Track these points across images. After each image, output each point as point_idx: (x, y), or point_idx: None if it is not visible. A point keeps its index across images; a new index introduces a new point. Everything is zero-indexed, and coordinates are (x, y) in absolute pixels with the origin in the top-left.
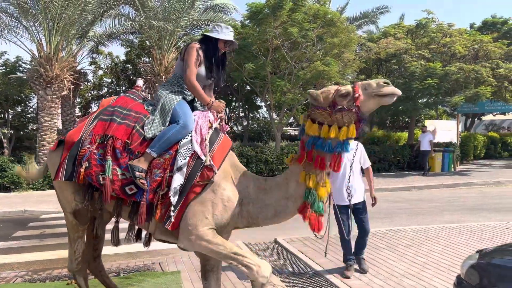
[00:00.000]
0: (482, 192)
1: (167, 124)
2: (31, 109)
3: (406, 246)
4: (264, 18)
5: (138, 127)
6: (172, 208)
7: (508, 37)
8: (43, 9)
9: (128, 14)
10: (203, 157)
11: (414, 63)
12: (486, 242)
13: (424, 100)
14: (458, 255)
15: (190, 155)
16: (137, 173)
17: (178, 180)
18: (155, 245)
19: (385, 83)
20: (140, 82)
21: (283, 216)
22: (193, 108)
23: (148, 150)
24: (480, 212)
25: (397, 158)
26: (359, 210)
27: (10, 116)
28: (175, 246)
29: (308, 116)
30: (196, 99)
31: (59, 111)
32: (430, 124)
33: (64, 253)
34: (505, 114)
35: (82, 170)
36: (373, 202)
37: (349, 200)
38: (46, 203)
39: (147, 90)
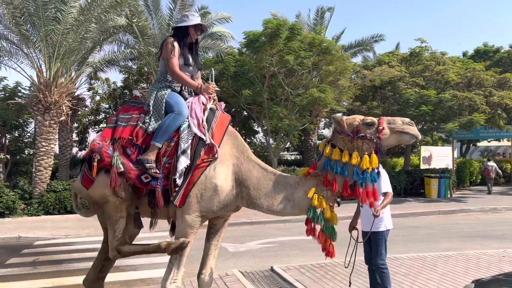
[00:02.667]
0: (478, 219)
1: (163, 116)
2: (29, 134)
3: (404, 275)
4: (261, 46)
5: (140, 125)
6: (177, 189)
7: (500, 65)
8: (44, 37)
9: (127, 41)
10: (203, 137)
11: (408, 90)
12: (483, 270)
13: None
14: (456, 284)
15: (191, 138)
16: (147, 165)
17: (183, 162)
18: (150, 273)
19: (409, 122)
20: (136, 92)
21: (276, 213)
22: (183, 97)
23: (152, 142)
24: (477, 240)
25: (394, 184)
26: (371, 240)
27: (7, 141)
28: None
29: (328, 141)
30: (183, 88)
31: (57, 136)
32: (425, 150)
33: (57, 281)
34: (499, 141)
35: (94, 164)
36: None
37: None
38: (41, 229)
39: None
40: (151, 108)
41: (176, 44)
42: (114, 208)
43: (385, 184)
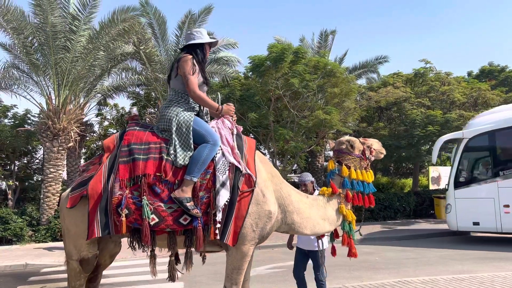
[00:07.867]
0: (491, 240)
1: (192, 146)
2: (37, 160)
3: None
4: (266, 70)
5: (165, 157)
6: (218, 225)
7: (506, 85)
8: (53, 65)
9: (135, 67)
10: (239, 167)
11: (414, 111)
12: None
13: (426, 147)
14: None
15: (228, 168)
16: (188, 205)
17: (224, 196)
18: None
19: (378, 142)
20: (134, 110)
21: (318, 233)
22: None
23: (188, 177)
24: (490, 261)
25: (403, 205)
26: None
27: (16, 168)
28: None
29: (339, 162)
30: (201, 107)
31: (65, 162)
32: (434, 170)
33: None
34: None
35: (123, 219)
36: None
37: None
38: (48, 256)
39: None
40: (173, 136)
41: (195, 62)
42: (74, 275)
43: None
